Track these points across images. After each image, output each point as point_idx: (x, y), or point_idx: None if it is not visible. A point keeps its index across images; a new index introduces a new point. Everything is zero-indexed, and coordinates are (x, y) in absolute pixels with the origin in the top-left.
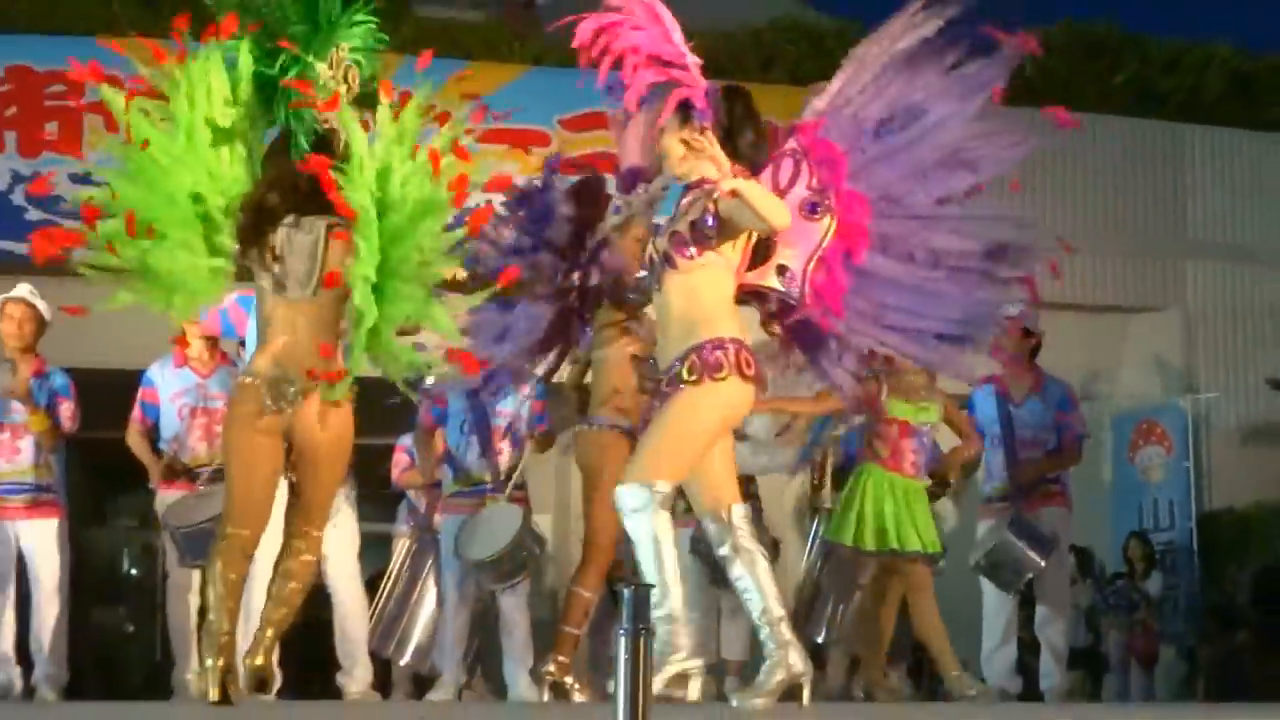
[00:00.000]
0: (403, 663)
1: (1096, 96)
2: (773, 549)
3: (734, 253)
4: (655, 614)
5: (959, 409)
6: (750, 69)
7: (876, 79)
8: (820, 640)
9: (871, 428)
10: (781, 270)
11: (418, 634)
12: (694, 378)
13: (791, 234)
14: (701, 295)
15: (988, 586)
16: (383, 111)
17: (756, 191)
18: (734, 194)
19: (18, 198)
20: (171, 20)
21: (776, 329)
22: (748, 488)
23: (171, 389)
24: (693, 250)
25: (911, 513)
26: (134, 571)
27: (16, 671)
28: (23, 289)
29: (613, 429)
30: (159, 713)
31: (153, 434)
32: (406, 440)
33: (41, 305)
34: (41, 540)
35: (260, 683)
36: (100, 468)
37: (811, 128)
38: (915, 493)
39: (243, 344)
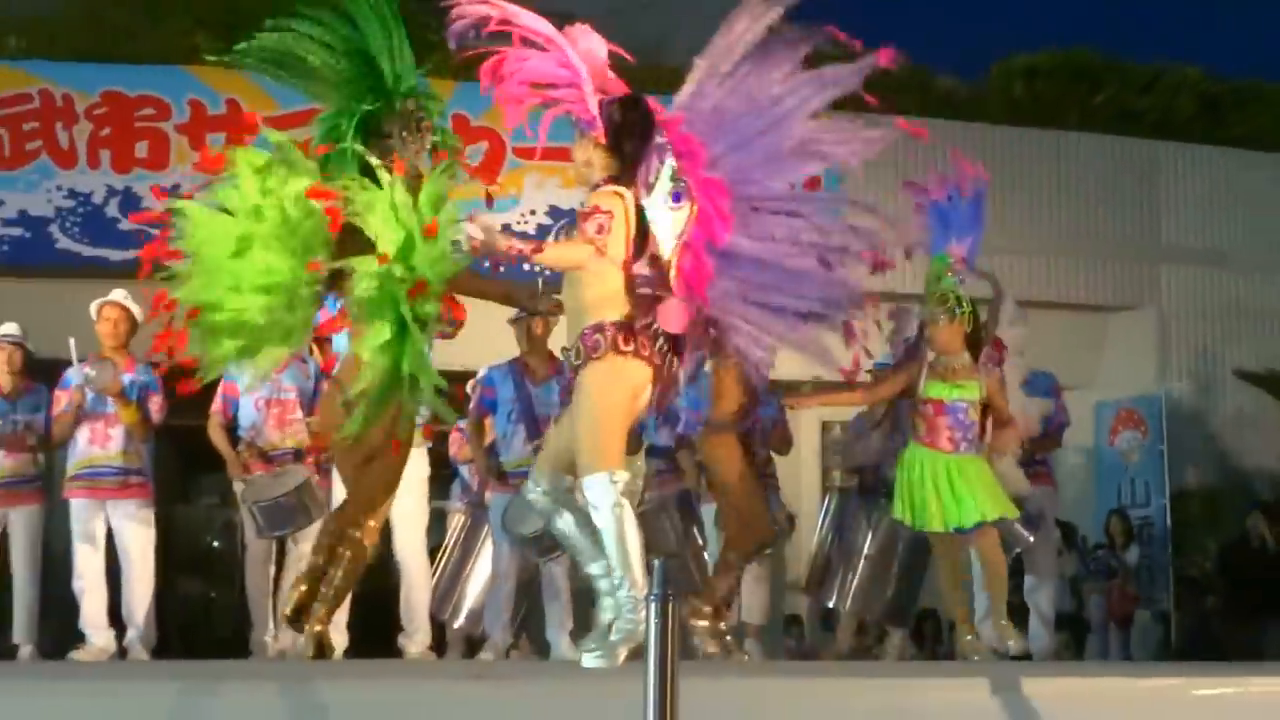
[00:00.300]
0: (456, 625)
1: (1079, 116)
2: (789, 523)
3: (618, 248)
4: (621, 594)
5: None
6: None
7: (731, 72)
8: (831, 605)
9: (912, 408)
10: (654, 260)
11: (470, 600)
12: (579, 362)
13: (659, 225)
14: (584, 289)
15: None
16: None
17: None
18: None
19: (112, 210)
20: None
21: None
22: (765, 468)
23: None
24: None
25: (951, 486)
26: (216, 544)
27: (110, 635)
28: (118, 294)
29: None
30: (240, 669)
31: (232, 424)
32: (462, 422)
33: (134, 308)
34: (129, 518)
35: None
36: (186, 452)
37: (674, 123)
38: (956, 466)
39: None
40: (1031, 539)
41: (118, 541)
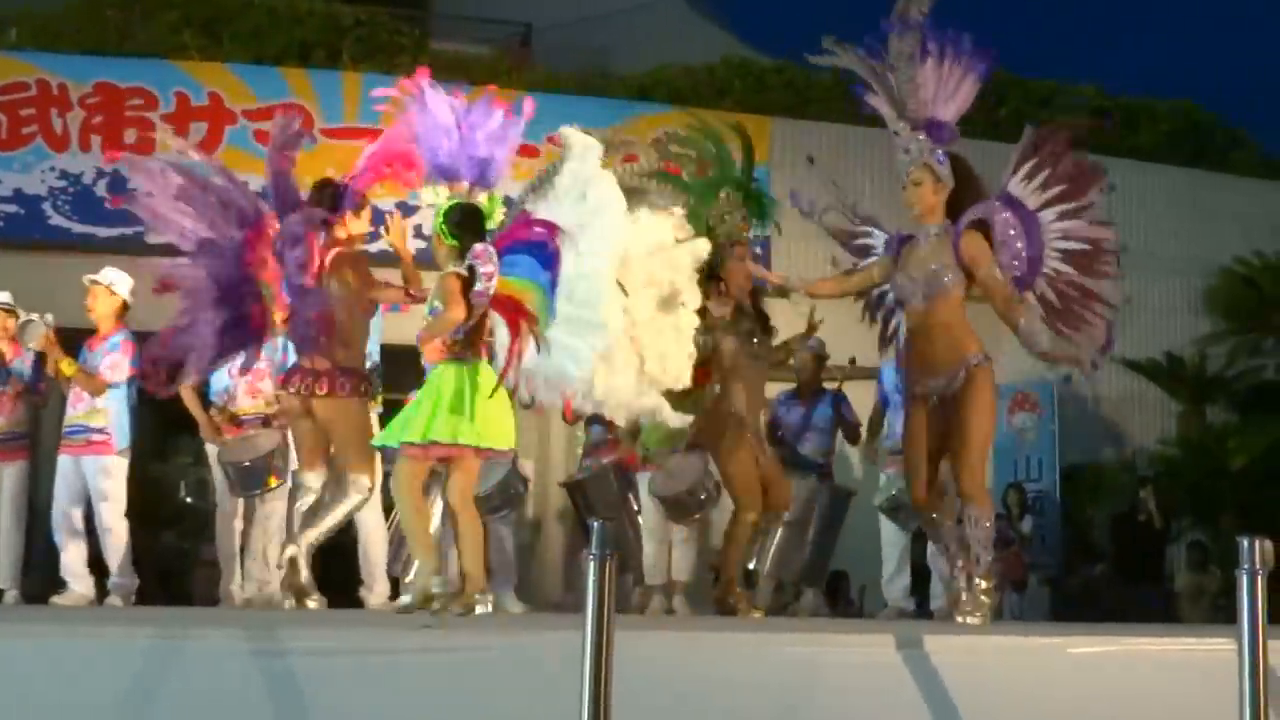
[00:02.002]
0: (407, 580)
1: (985, 126)
2: (716, 490)
3: None
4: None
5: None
6: (706, 98)
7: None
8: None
9: None
10: None
11: None
12: None
13: None
14: None
15: (886, 524)
16: None
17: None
18: None
19: (100, 190)
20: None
21: None
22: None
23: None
24: None
25: None
26: (189, 500)
27: (89, 582)
28: (104, 273)
29: None
30: (209, 616)
31: (203, 389)
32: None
33: (120, 284)
34: (99, 472)
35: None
36: (163, 415)
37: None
38: None
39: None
40: None
41: (92, 495)
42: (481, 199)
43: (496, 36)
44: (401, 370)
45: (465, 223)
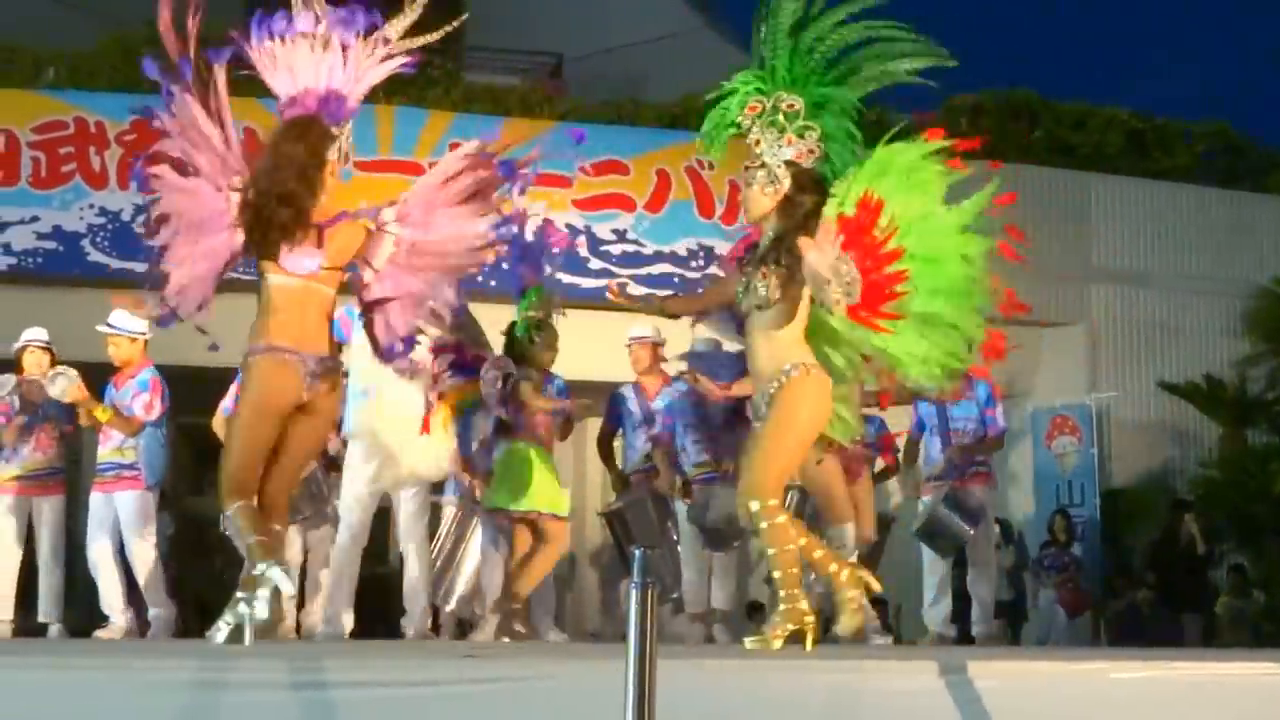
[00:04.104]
0: (448, 609)
1: (1017, 150)
2: None
3: None
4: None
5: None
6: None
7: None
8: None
9: None
10: None
11: (461, 586)
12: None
13: None
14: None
15: (926, 551)
16: None
17: None
18: None
19: (138, 226)
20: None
21: None
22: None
23: None
24: None
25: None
26: (226, 531)
27: (128, 615)
28: (115, 315)
29: None
30: (247, 648)
31: None
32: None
33: (135, 326)
34: (129, 507)
35: None
36: (198, 447)
37: None
38: None
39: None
40: (973, 533)
41: (123, 527)
42: None
43: (528, 67)
44: None
45: None
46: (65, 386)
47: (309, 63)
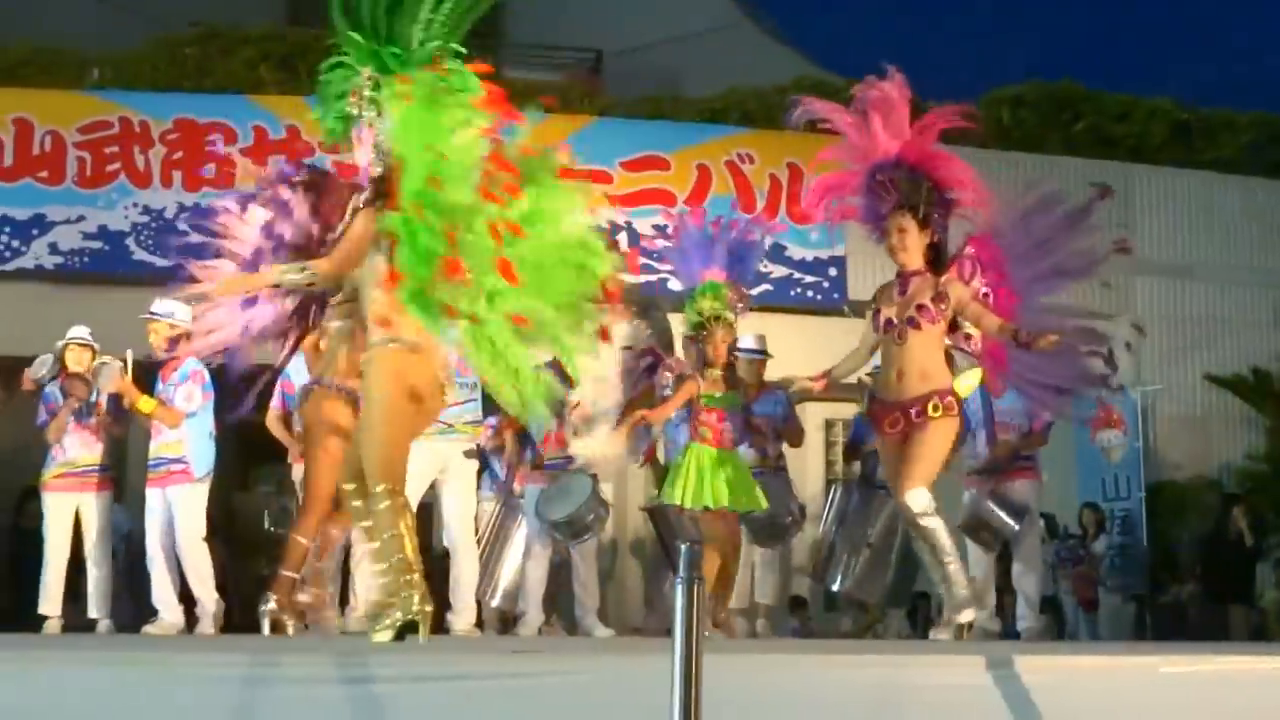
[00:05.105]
0: (494, 604)
1: (1060, 142)
2: (800, 513)
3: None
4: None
5: None
6: (778, 119)
7: (1013, 224)
8: (835, 589)
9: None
10: (967, 337)
11: (505, 581)
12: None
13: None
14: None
15: (971, 545)
16: None
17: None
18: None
19: (182, 224)
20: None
21: None
22: (778, 462)
23: (304, 381)
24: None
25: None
26: (273, 530)
27: (179, 610)
28: (157, 305)
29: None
30: (294, 644)
31: (287, 419)
32: (492, 419)
33: (179, 314)
34: (179, 501)
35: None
36: (245, 445)
37: (984, 240)
38: None
39: None
40: (1018, 528)
41: (175, 522)
42: None
43: (568, 63)
44: None
45: None
46: (109, 377)
47: None
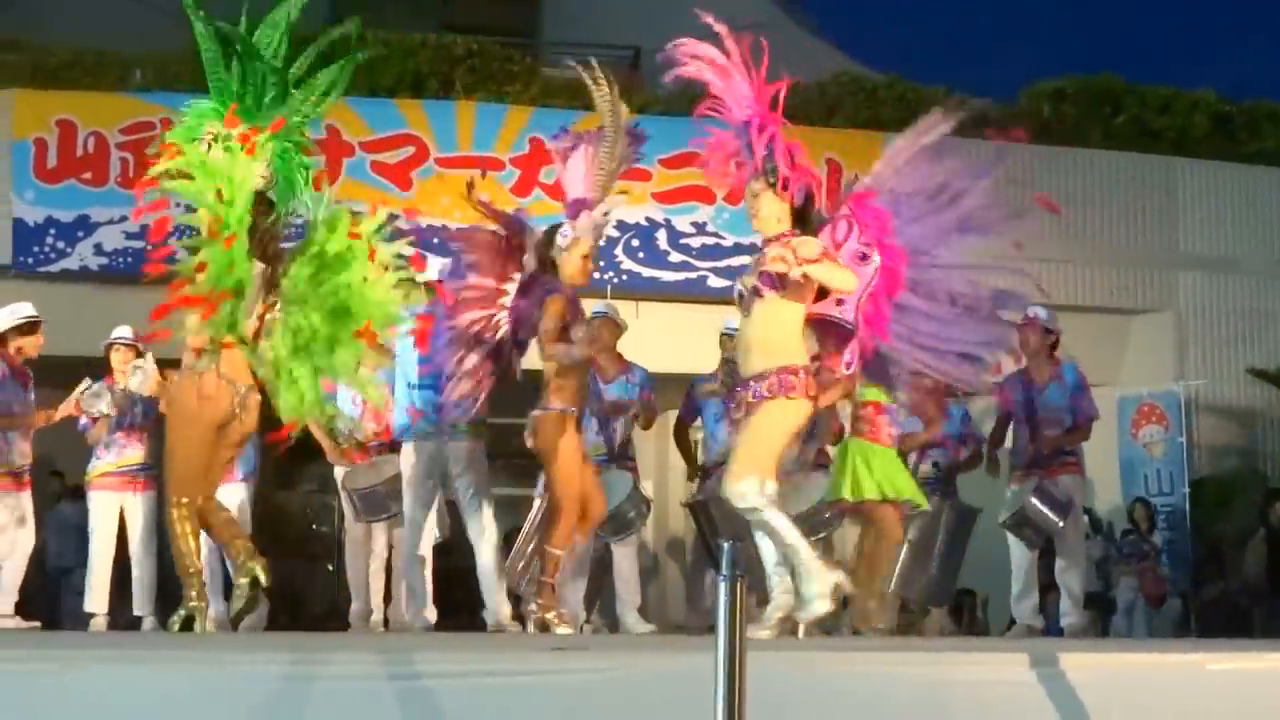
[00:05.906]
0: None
1: (1101, 135)
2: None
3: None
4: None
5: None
6: (816, 115)
7: (908, 164)
8: None
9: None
10: (839, 302)
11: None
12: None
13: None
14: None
15: (1014, 541)
16: None
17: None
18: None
19: None
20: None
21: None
22: (819, 459)
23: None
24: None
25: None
26: (315, 527)
27: (223, 608)
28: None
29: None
30: (338, 641)
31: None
32: None
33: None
34: (228, 500)
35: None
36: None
37: (862, 198)
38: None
39: None
40: (1061, 524)
41: None
42: None
43: (606, 60)
44: None
45: None
46: (144, 379)
47: None
